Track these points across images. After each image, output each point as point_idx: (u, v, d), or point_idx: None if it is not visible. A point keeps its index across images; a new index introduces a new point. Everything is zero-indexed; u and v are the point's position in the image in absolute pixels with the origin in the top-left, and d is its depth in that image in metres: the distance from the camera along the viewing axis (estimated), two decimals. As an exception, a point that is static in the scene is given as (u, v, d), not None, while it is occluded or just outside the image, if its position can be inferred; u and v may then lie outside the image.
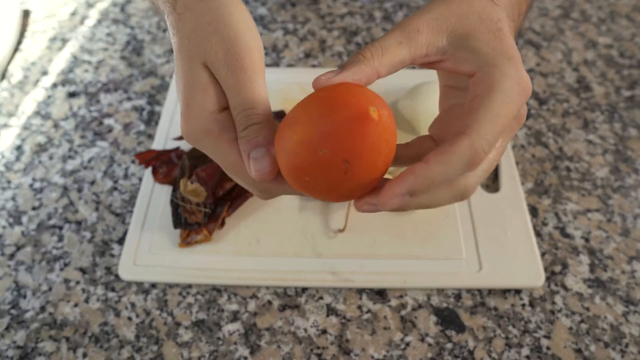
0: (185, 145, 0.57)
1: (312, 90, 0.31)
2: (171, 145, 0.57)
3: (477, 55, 0.31)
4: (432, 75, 0.64)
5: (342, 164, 0.27)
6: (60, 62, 0.69)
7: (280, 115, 0.58)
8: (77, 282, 0.49)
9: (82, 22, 0.74)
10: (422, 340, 0.45)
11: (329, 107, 0.28)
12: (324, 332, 0.45)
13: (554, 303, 0.47)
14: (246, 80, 0.32)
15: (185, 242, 0.49)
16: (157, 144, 0.58)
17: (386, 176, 0.40)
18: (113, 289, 0.48)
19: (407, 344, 0.45)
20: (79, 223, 0.53)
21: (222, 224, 0.50)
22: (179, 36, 0.33)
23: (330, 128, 0.27)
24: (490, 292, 0.48)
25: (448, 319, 0.46)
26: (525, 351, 0.44)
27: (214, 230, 0.49)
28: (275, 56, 0.69)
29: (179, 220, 0.49)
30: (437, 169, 0.28)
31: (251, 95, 0.32)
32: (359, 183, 0.28)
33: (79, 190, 0.55)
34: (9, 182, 0.56)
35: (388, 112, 0.28)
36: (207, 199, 0.48)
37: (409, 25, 0.32)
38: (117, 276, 0.49)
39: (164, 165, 0.54)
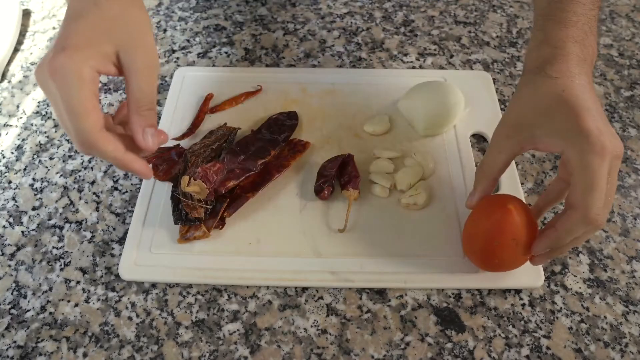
0: (186, 143, 0.57)
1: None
2: (171, 143, 0.57)
3: (557, 140, 0.40)
4: (430, 75, 0.65)
5: (511, 241, 0.42)
6: (60, 62, 0.69)
7: (294, 116, 0.59)
8: (78, 282, 0.49)
9: (82, 22, 0.74)
10: (422, 340, 0.45)
11: (484, 215, 0.44)
12: (324, 332, 0.45)
13: (553, 303, 0.47)
14: (155, 70, 0.40)
15: (184, 237, 0.49)
16: (157, 144, 0.58)
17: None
18: (113, 289, 0.48)
19: (407, 344, 0.45)
20: (79, 223, 0.53)
21: (223, 224, 0.50)
22: (99, 20, 0.38)
23: (493, 226, 0.43)
24: (490, 292, 0.48)
25: (448, 319, 0.46)
26: (525, 351, 0.44)
27: (212, 227, 0.49)
28: (275, 56, 0.69)
29: (180, 215, 0.49)
30: (563, 233, 0.40)
31: (155, 85, 0.40)
32: (525, 249, 0.42)
33: (79, 190, 0.55)
34: (9, 182, 0.56)
35: (520, 202, 0.43)
36: (208, 195, 0.49)
37: (501, 134, 0.44)
38: (117, 276, 0.49)
39: (164, 162, 0.54)
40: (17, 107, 0.63)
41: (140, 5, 0.41)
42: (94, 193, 0.55)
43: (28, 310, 0.47)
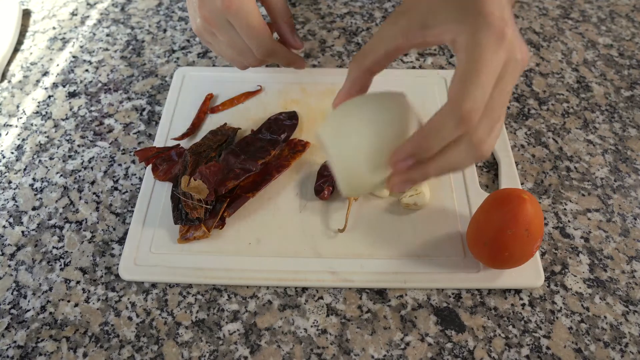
0: (185, 143, 0.57)
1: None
2: (171, 143, 0.57)
3: (451, 22, 0.33)
4: (430, 75, 0.65)
5: (524, 232, 0.42)
6: (60, 62, 0.69)
7: (294, 116, 0.59)
8: (78, 282, 0.49)
9: (82, 22, 0.74)
10: (422, 340, 0.45)
11: (498, 205, 0.44)
12: (324, 332, 0.45)
13: (553, 303, 0.47)
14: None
15: (184, 237, 0.49)
16: (157, 144, 0.58)
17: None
18: (113, 289, 0.48)
19: (407, 344, 0.45)
20: (79, 223, 0.53)
21: (223, 224, 0.50)
22: None
23: (508, 215, 0.42)
24: (490, 292, 0.48)
25: (448, 319, 0.46)
26: (525, 351, 0.44)
27: (212, 227, 0.49)
28: (275, 56, 0.69)
29: (180, 215, 0.49)
30: (429, 130, 0.32)
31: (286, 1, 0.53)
32: (536, 240, 0.43)
33: (79, 190, 0.55)
34: (9, 182, 0.56)
35: (530, 194, 0.43)
36: (208, 196, 0.49)
37: (387, 23, 0.37)
38: (117, 276, 0.49)
39: (164, 162, 0.54)
40: (17, 107, 0.63)
41: None
42: (94, 193, 0.55)
43: (28, 310, 0.47)
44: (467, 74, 0.31)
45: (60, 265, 0.50)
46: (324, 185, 0.52)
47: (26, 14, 0.75)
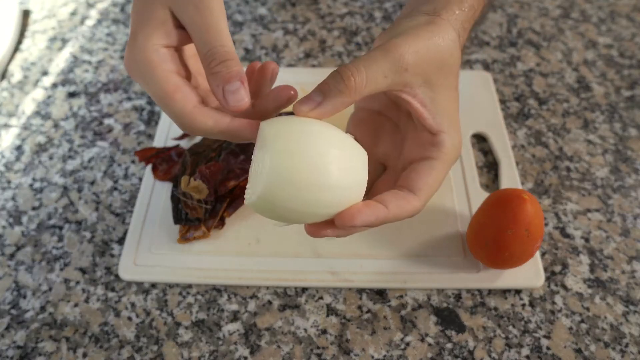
0: (185, 143, 0.57)
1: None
2: (171, 144, 0.57)
3: (441, 119, 0.36)
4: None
5: (524, 232, 0.42)
6: (60, 62, 0.69)
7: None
8: (77, 282, 0.49)
9: (82, 22, 0.74)
10: (422, 340, 0.45)
11: (498, 205, 0.44)
12: (324, 332, 0.45)
13: (553, 303, 0.47)
14: (215, 20, 0.33)
15: (184, 237, 0.49)
16: (157, 144, 0.58)
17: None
18: (113, 289, 0.48)
19: (407, 344, 0.45)
20: (79, 223, 0.53)
21: (222, 224, 0.50)
22: None
23: (508, 215, 0.42)
24: (490, 292, 0.48)
25: (448, 319, 0.46)
26: (525, 351, 0.44)
27: (212, 227, 0.49)
28: (275, 56, 0.69)
29: (180, 215, 0.49)
30: (393, 216, 0.34)
31: (222, 34, 0.33)
32: (536, 240, 0.43)
33: (79, 190, 0.55)
34: (9, 182, 0.56)
35: (530, 194, 0.43)
36: (208, 196, 0.48)
37: (398, 58, 0.34)
38: (117, 276, 0.49)
39: (164, 162, 0.54)
40: (17, 107, 0.63)
41: None
42: (94, 193, 0.55)
43: (28, 310, 0.47)
44: (431, 180, 0.36)
45: (60, 265, 0.50)
46: None
47: (26, 14, 0.75)
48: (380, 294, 0.48)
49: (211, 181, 0.49)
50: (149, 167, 0.55)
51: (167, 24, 0.34)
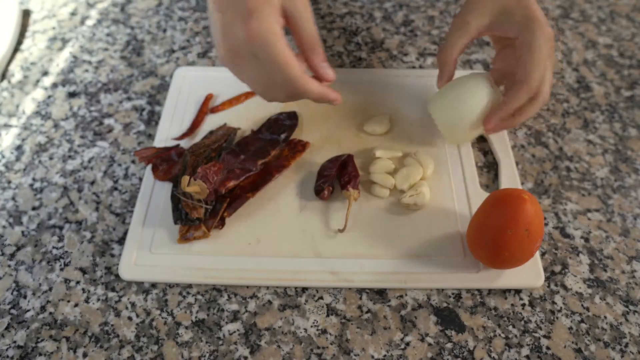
0: (185, 143, 0.57)
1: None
2: (171, 144, 0.57)
3: (515, 25, 0.49)
4: (430, 75, 0.65)
5: (524, 232, 0.42)
6: (60, 62, 0.69)
7: (293, 116, 0.59)
8: (77, 282, 0.49)
9: (82, 22, 0.74)
10: (422, 340, 0.45)
11: (498, 205, 0.44)
12: (324, 332, 0.45)
13: (553, 303, 0.47)
14: (311, 15, 0.44)
15: (184, 237, 0.49)
16: (157, 144, 0.58)
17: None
18: (113, 289, 0.48)
19: (407, 344, 0.45)
20: (79, 223, 0.53)
21: (222, 224, 0.50)
22: None
23: (508, 215, 0.43)
24: (490, 292, 0.48)
25: (448, 319, 0.46)
26: (525, 351, 0.44)
27: (212, 227, 0.49)
28: (275, 56, 0.68)
29: (180, 215, 0.49)
30: (513, 105, 0.49)
31: (314, 26, 0.45)
32: (536, 240, 0.43)
33: (79, 190, 0.55)
34: (9, 182, 0.56)
35: (530, 194, 0.43)
36: (208, 196, 0.48)
37: (461, 21, 0.52)
38: (117, 276, 0.49)
39: (164, 162, 0.54)
40: (17, 107, 0.63)
41: None
42: (94, 193, 0.55)
43: (28, 310, 0.47)
44: (530, 62, 0.48)
45: (60, 265, 0.50)
46: (324, 185, 0.52)
47: (26, 14, 0.75)
48: (380, 294, 0.48)
49: (211, 181, 0.49)
50: (149, 167, 0.55)
51: (279, 10, 0.42)
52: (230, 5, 0.42)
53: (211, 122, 0.60)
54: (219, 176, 0.50)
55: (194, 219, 0.49)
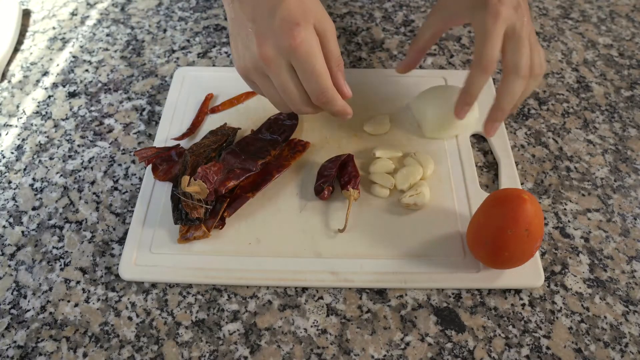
0: (185, 143, 0.57)
1: None
2: (171, 143, 0.57)
3: (467, 12, 0.50)
4: (430, 75, 0.65)
5: (524, 232, 0.42)
6: (60, 62, 0.69)
7: (294, 116, 0.59)
8: (78, 282, 0.49)
9: (82, 22, 0.74)
10: (422, 340, 0.45)
11: (498, 205, 0.44)
12: (324, 332, 0.45)
13: (553, 303, 0.47)
14: (334, 35, 0.47)
15: (184, 237, 0.49)
16: (157, 144, 0.58)
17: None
18: (113, 289, 0.48)
19: (407, 344, 0.45)
20: (79, 223, 0.53)
21: (223, 224, 0.50)
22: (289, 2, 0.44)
23: (507, 214, 0.43)
24: (490, 292, 0.48)
25: (448, 319, 0.46)
26: (525, 351, 0.44)
27: (212, 227, 0.49)
28: (275, 56, 0.69)
29: (180, 215, 0.49)
30: (500, 103, 0.50)
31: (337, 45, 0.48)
32: (536, 240, 0.43)
33: (79, 190, 0.55)
34: (9, 182, 0.56)
35: (530, 194, 0.43)
36: (208, 196, 0.48)
37: (428, 17, 0.55)
38: (117, 276, 0.49)
39: (164, 162, 0.54)
40: (17, 107, 0.63)
41: None
42: (94, 193, 0.55)
43: (28, 310, 0.47)
44: (479, 43, 0.47)
45: (60, 265, 0.50)
46: (324, 185, 0.52)
47: (26, 14, 0.75)
48: (380, 294, 0.48)
49: (211, 181, 0.49)
50: (149, 167, 0.55)
51: (313, 27, 0.45)
52: (269, 16, 0.44)
53: (211, 122, 0.60)
54: (219, 176, 0.50)
55: (194, 219, 0.49)
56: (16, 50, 0.70)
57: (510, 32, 0.47)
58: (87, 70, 0.67)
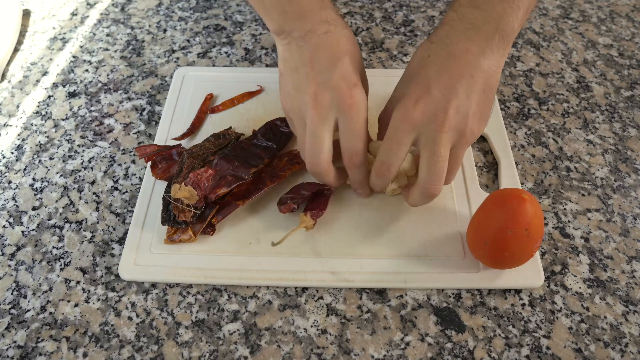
0: (186, 143, 0.57)
1: None
2: (171, 143, 0.57)
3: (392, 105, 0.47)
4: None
5: (524, 231, 0.42)
6: (60, 62, 0.69)
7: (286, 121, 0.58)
8: (78, 282, 0.49)
9: (82, 22, 0.74)
10: (422, 340, 0.45)
11: (498, 205, 0.44)
12: (324, 332, 0.45)
13: (553, 303, 0.47)
14: (356, 137, 0.46)
15: (171, 239, 0.49)
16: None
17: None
18: (113, 289, 0.48)
19: (407, 344, 0.45)
20: (79, 223, 0.53)
21: (213, 230, 0.50)
22: (318, 59, 0.45)
23: (507, 214, 0.43)
24: (490, 292, 0.48)
25: (448, 319, 0.46)
26: (525, 351, 0.44)
27: (199, 232, 0.49)
28: (275, 56, 0.69)
29: (168, 217, 0.49)
30: (373, 173, 0.47)
31: (358, 146, 0.47)
32: (536, 240, 0.43)
33: (79, 190, 0.55)
34: (9, 182, 0.56)
35: (530, 194, 0.43)
36: (198, 202, 0.48)
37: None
38: (117, 276, 0.49)
39: (164, 161, 0.54)
40: (17, 107, 0.63)
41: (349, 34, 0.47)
42: (94, 193, 0.55)
43: (28, 310, 0.47)
44: (385, 140, 0.45)
45: (60, 265, 0.50)
46: (291, 201, 0.50)
47: (26, 14, 0.75)
48: (380, 294, 0.48)
49: (202, 188, 0.49)
50: (149, 167, 0.55)
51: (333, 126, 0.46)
52: (328, 69, 0.44)
53: (211, 122, 0.60)
54: (210, 182, 0.50)
55: (180, 222, 0.48)
56: (16, 50, 0.70)
57: (422, 141, 0.43)
58: (87, 70, 0.67)
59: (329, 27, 0.45)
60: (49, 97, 0.65)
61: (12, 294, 0.48)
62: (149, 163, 0.54)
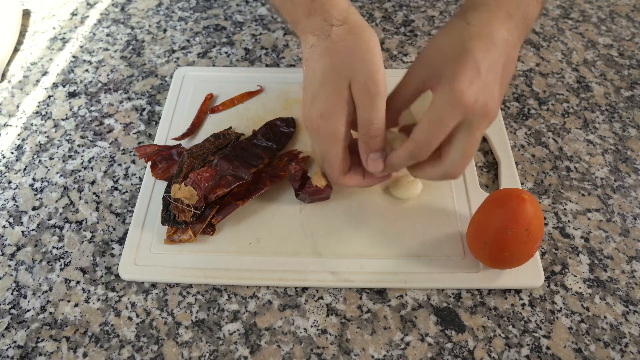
0: (186, 143, 0.57)
1: None
2: (172, 143, 0.57)
3: (434, 81, 0.43)
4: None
5: (524, 231, 0.42)
6: (60, 62, 0.69)
7: (290, 123, 0.58)
8: (78, 282, 0.49)
9: (82, 22, 0.74)
10: (422, 340, 0.45)
11: (498, 205, 0.44)
12: (324, 332, 0.45)
13: (553, 303, 0.47)
14: (377, 102, 0.42)
15: (171, 239, 0.49)
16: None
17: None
18: (113, 289, 0.48)
19: (407, 344, 0.45)
20: (79, 223, 0.53)
21: (213, 230, 0.50)
22: (332, 57, 0.43)
23: (508, 214, 0.43)
24: (490, 292, 0.48)
25: (448, 319, 0.46)
26: (525, 351, 0.44)
27: (199, 232, 0.49)
28: (275, 56, 0.69)
29: (168, 217, 0.49)
30: (399, 156, 0.44)
31: (378, 114, 0.43)
32: (536, 240, 0.43)
33: (79, 190, 0.55)
34: (9, 182, 0.56)
35: (530, 194, 0.43)
36: (197, 202, 0.48)
37: (408, 73, 0.47)
38: (117, 276, 0.49)
39: (164, 160, 0.54)
40: (17, 107, 0.63)
41: (365, 26, 0.44)
42: (94, 193, 0.55)
43: (28, 310, 0.47)
44: (424, 122, 0.41)
45: (60, 265, 0.50)
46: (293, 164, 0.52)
47: (26, 14, 0.75)
48: (380, 294, 0.48)
49: (202, 188, 0.49)
50: (149, 167, 0.54)
51: (347, 100, 0.43)
52: (312, 68, 0.44)
53: (211, 122, 0.60)
54: (210, 183, 0.50)
55: (180, 222, 0.48)
56: (16, 50, 0.70)
57: (465, 125, 0.41)
58: (87, 70, 0.67)
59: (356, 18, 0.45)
60: (49, 97, 0.65)
61: (12, 294, 0.48)
62: (149, 163, 0.54)
